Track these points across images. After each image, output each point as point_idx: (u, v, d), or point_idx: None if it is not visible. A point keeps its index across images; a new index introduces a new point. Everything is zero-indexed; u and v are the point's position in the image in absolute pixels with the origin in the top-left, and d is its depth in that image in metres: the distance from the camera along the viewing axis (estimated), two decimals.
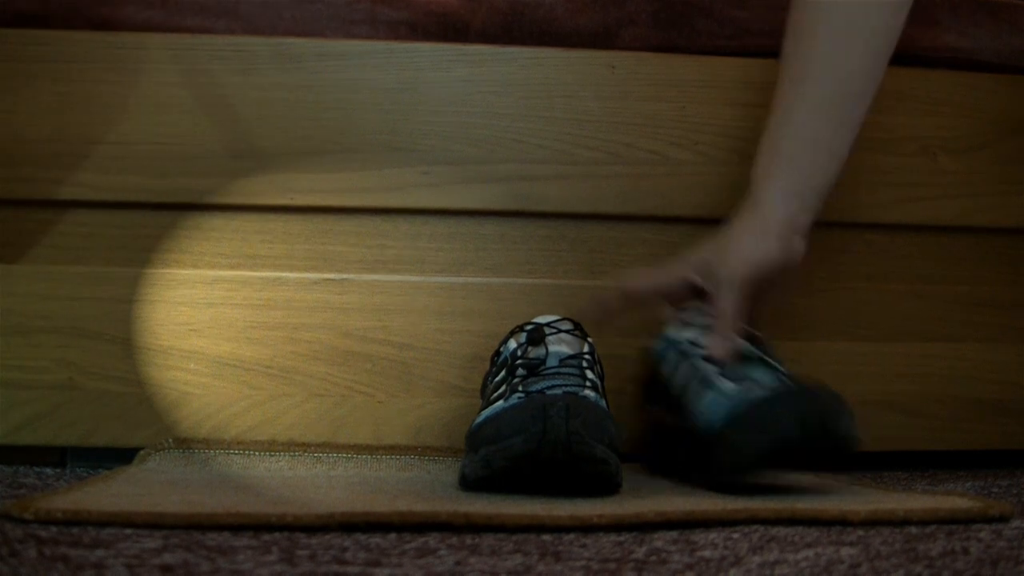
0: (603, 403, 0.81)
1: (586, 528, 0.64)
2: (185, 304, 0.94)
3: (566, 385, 0.79)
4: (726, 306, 0.83)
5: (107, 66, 0.93)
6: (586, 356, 0.83)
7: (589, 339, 0.85)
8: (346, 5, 0.97)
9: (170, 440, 0.92)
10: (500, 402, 0.78)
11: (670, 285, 0.88)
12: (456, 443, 0.95)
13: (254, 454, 0.92)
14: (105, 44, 0.93)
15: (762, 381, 0.79)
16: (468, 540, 0.61)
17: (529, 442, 0.70)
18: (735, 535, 0.63)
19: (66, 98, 0.92)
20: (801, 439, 0.73)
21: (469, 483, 0.76)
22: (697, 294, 0.87)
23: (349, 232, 0.96)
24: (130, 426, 0.93)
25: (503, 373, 0.82)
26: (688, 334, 0.85)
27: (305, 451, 0.93)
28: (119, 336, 0.93)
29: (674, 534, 0.64)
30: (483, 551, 0.58)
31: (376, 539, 0.61)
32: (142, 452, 0.90)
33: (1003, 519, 0.70)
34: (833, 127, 0.86)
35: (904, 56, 1.03)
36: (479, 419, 0.78)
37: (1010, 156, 1.01)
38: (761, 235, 0.84)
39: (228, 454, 0.91)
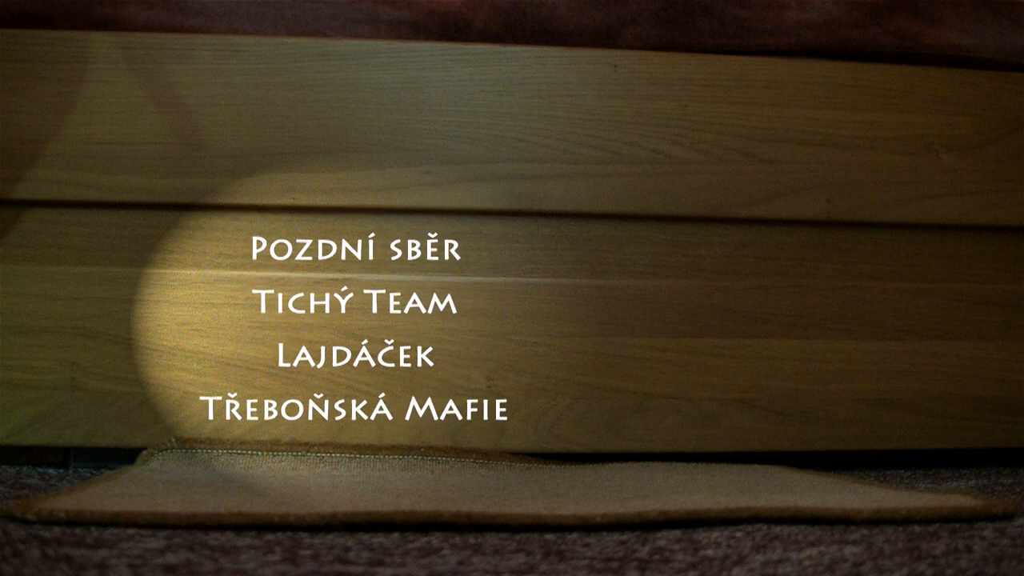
0: None
1: (589, 527, 0.64)
2: (188, 304, 0.94)
3: None
4: None
5: (109, 66, 0.93)
6: None
7: None
8: (348, 5, 0.97)
9: (173, 440, 0.92)
10: None
11: None
12: (459, 442, 0.95)
13: (257, 454, 0.92)
14: (107, 44, 0.93)
15: None
16: (471, 539, 0.61)
17: None
18: (738, 534, 0.63)
19: (68, 98, 0.92)
20: None
21: None
22: None
23: (351, 231, 0.96)
24: (133, 426, 0.93)
25: None
26: None
27: (308, 451, 0.93)
28: (122, 336, 0.93)
29: (677, 533, 0.64)
30: (486, 550, 0.58)
31: (379, 539, 0.61)
32: (145, 452, 0.90)
33: (1006, 517, 0.70)
34: None
35: (907, 54, 1.03)
36: None
37: (1013, 154, 1.01)
38: None
39: (231, 454, 0.91)
